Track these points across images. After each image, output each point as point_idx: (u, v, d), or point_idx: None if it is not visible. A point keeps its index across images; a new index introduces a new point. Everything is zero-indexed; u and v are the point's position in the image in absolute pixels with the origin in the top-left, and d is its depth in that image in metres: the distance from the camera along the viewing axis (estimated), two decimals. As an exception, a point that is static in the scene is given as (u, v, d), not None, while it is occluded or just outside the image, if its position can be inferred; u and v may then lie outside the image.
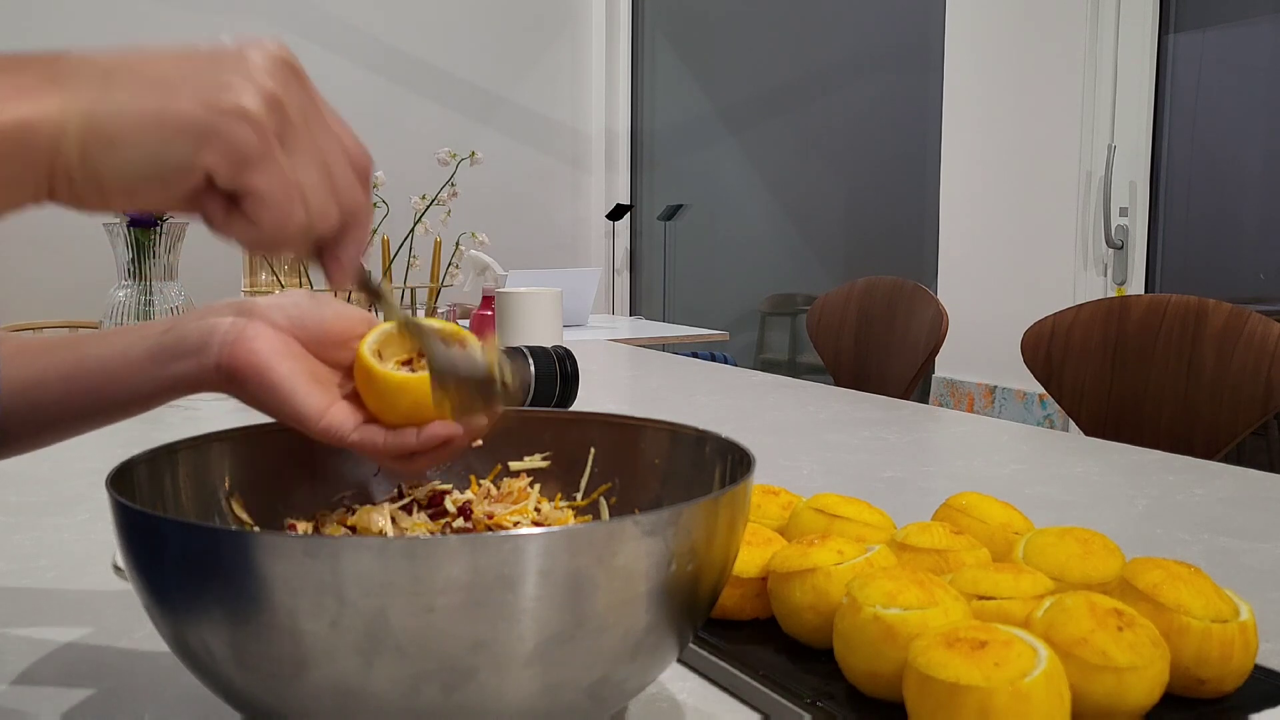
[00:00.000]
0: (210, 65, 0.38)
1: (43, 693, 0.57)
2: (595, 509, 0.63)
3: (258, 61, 0.39)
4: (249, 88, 0.38)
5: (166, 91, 0.37)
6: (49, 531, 0.86)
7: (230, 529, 0.43)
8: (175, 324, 0.55)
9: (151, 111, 0.37)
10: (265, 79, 0.39)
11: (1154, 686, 0.49)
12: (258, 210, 0.40)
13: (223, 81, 0.38)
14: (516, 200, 4.47)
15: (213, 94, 0.37)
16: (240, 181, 0.39)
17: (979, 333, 2.91)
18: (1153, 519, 0.92)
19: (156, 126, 0.37)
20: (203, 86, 0.38)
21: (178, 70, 0.38)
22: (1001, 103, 2.92)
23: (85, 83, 0.37)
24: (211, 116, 0.37)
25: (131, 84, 0.37)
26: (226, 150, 0.38)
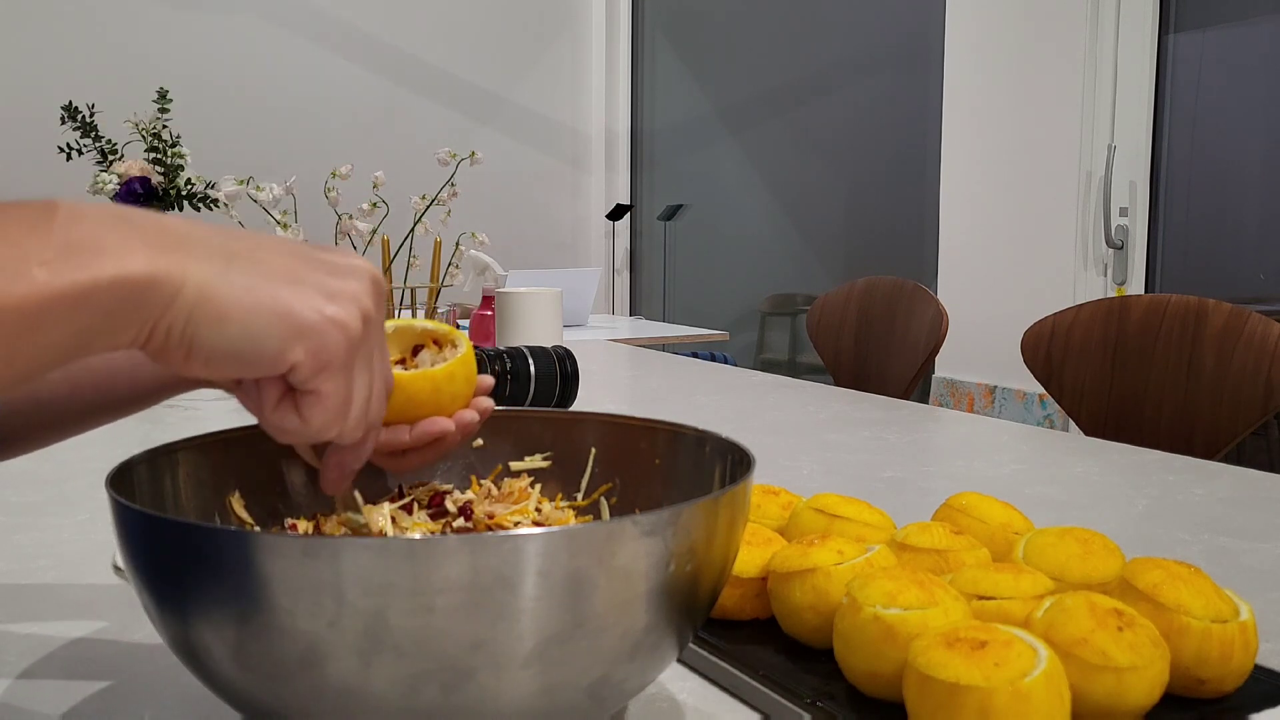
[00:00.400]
0: (322, 272, 0.42)
1: (43, 693, 0.57)
2: (596, 509, 0.63)
3: (363, 279, 0.43)
4: (353, 304, 0.42)
5: (282, 285, 0.40)
6: (49, 531, 0.86)
7: (230, 529, 0.43)
8: None
9: (266, 299, 0.40)
10: (366, 299, 0.42)
11: (1154, 686, 0.49)
12: (312, 409, 0.43)
13: (333, 289, 0.41)
14: (516, 200, 4.47)
15: (322, 300, 0.41)
16: (314, 383, 0.42)
17: (979, 333, 2.91)
18: (1153, 519, 0.92)
19: (266, 313, 0.40)
20: (315, 290, 0.41)
21: (293, 269, 0.41)
22: (1001, 103, 2.92)
23: (209, 256, 0.39)
24: (317, 319, 0.41)
25: (251, 270, 0.40)
26: (318, 352, 0.41)
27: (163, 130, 2.26)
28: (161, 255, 0.37)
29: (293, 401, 0.43)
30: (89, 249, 0.36)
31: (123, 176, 2.20)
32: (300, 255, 0.42)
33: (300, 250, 0.42)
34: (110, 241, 0.36)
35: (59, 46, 3.76)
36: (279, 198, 1.88)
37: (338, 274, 0.42)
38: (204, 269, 0.38)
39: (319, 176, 1.96)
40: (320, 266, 0.42)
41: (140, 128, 2.25)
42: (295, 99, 4.10)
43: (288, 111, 4.08)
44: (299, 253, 0.42)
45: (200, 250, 0.39)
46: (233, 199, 1.91)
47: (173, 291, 0.38)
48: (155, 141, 2.24)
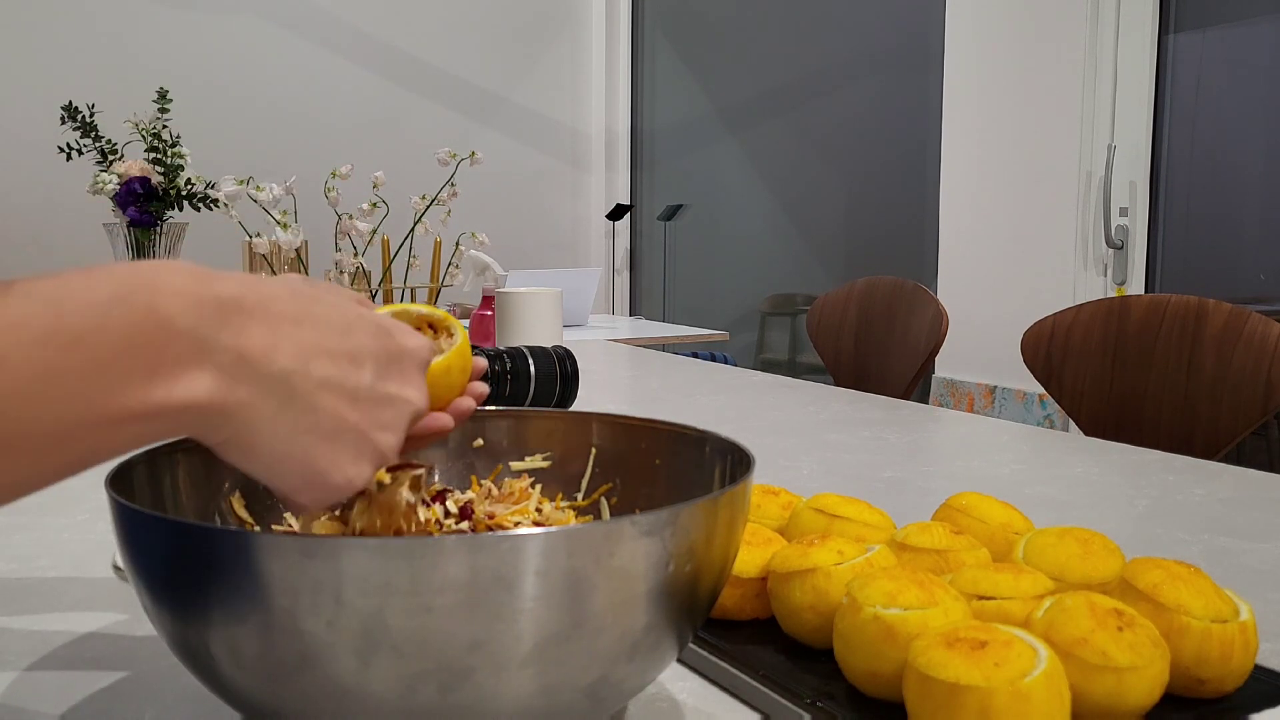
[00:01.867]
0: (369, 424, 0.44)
1: (43, 693, 0.57)
2: (596, 509, 0.63)
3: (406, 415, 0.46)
4: (374, 464, 0.44)
5: (322, 441, 0.42)
6: (49, 531, 0.86)
7: (229, 529, 0.43)
8: None
9: (298, 454, 0.42)
10: (393, 451, 0.45)
11: (1154, 686, 0.49)
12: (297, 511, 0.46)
13: (367, 452, 0.44)
14: (516, 200, 4.47)
15: (345, 464, 0.43)
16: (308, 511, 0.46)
17: (979, 333, 2.91)
18: (1153, 519, 0.92)
19: (294, 467, 0.42)
20: (344, 448, 0.43)
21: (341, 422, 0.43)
22: (1001, 103, 2.92)
23: (269, 393, 0.40)
24: (331, 481, 0.43)
25: (300, 417, 0.41)
26: (320, 501, 0.44)
27: (163, 130, 2.26)
28: (229, 387, 0.39)
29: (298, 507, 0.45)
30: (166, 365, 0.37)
31: (123, 176, 2.20)
32: (359, 398, 0.43)
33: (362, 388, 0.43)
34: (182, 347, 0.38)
35: (59, 46, 3.76)
36: (279, 198, 1.88)
37: (385, 423, 0.44)
38: (259, 407, 0.40)
39: (319, 176, 1.97)
40: (372, 410, 0.44)
41: (140, 128, 2.25)
42: (295, 99, 4.10)
43: (288, 111, 4.08)
44: (359, 393, 0.43)
45: (267, 378, 0.40)
46: (233, 199, 1.91)
47: (220, 421, 0.39)
48: (155, 141, 2.24)
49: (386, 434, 0.44)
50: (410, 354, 0.46)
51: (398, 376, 0.45)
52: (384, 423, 0.44)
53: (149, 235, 2.13)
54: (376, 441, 0.44)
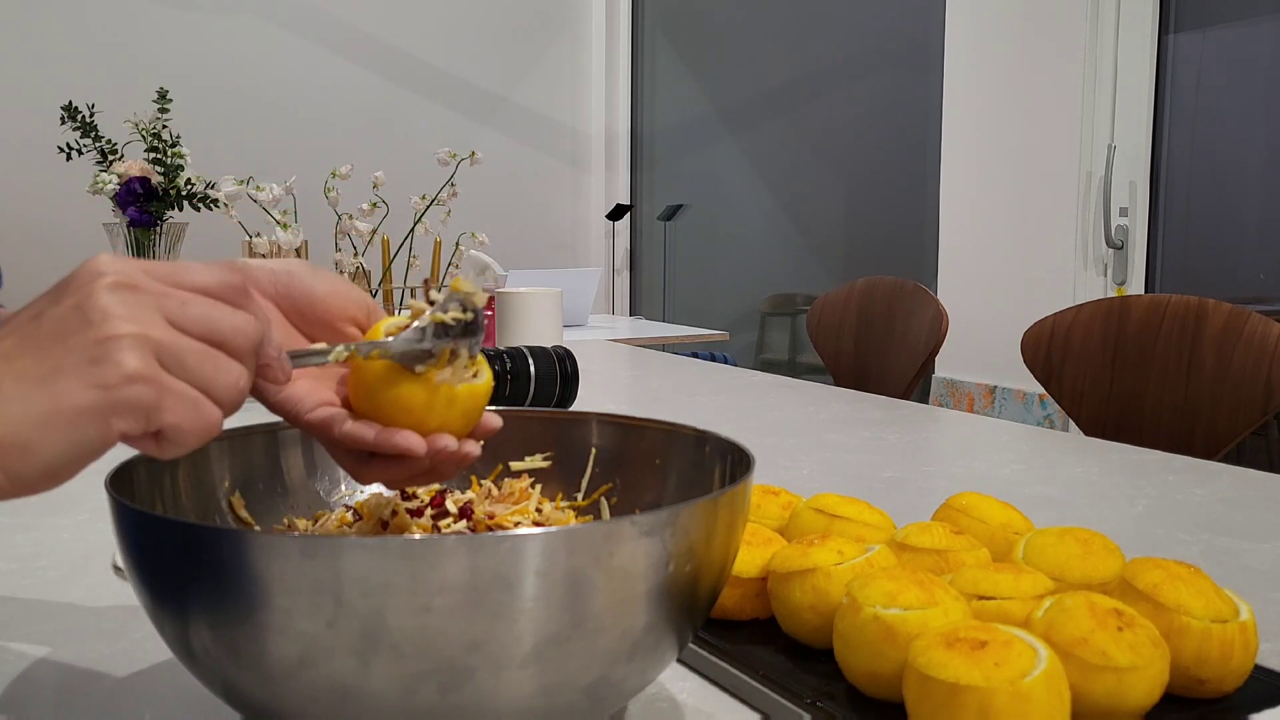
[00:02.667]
0: (70, 339, 0.38)
1: (43, 693, 0.57)
2: (596, 509, 0.63)
3: (104, 308, 0.39)
4: (120, 347, 0.38)
5: (52, 388, 0.38)
6: (49, 531, 0.86)
7: (229, 529, 0.43)
8: None
9: (50, 412, 0.37)
10: (124, 324, 0.38)
11: (1154, 686, 0.49)
12: (180, 437, 0.40)
13: (94, 354, 0.38)
14: (516, 200, 4.47)
15: (94, 372, 0.38)
16: (152, 429, 0.39)
17: (979, 333, 2.91)
18: (1153, 519, 0.92)
19: (63, 424, 0.38)
20: (80, 368, 0.38)
21: (47, 360, 0.38)
22: (1001, 103, 2.92)
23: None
24: (106, 396, 0.38)
25: (16, 390, 0.38)
26: (132, 414, 0.38)
27: (163, 130, 2.26)
28: None
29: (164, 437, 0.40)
30: None
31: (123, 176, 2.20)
32: (39, 340, 0.39)
33: (28, 332, 0.39)
34: None
35: (59, 46, 3.76)
36: (279, 198, 1.88)
37: (81, 329, 0.39)
38: None
39: (319, 176, 1.97)
40: (62, 335, 0.39)
41: (140, 128, 2.25)
42: (295, 99, 4.10)
43: (288, 111, 4.08)
44: (34, 337, 0.39)
45: None
46: (233, 199, 1.91)
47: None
48: (155, 141, 2.24)
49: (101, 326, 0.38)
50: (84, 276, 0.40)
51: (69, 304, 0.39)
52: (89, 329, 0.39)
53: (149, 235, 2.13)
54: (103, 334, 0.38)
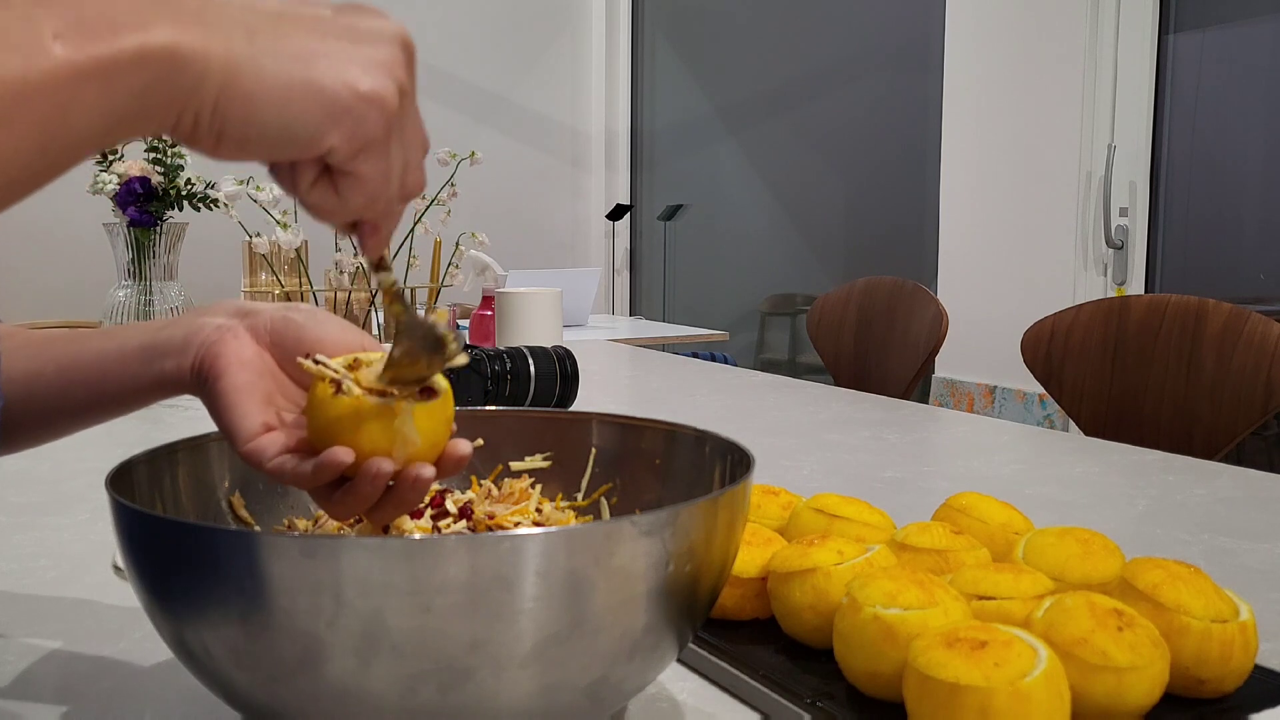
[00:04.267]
0: (351, 42, 0.39)
1: (43, 693, 0.57)
2: (596, 509, 0.63)
3: (394, 47, 0.40)
4: (386, 76, 0.39)
5: (310, 63, 0.38)
6: (49, 531, 0.86)
7: (229, 529, 0.43)
8: (171, 322, 0.54)
9: (297, 80, 0.38)
10: (399, 69, 0.40)
11: (1154, 686, 0.49)
12: (352, 190, 0.41)
13: (364, 62, 0.39)
14: (516, 200, 4.47)
15: (354, 75, 0.38)
16: (353, 164, 0.40)
17: (979, 333, 2.91)
18: (1153, 519, 0.92)
19: (300, 96, 0.38)
20: (345, 65, 0.38)
21: (321, 42, 0.38)
22: (1001, 103, 2.92)
23: (231, 30, 0.37)
24: (351, 99, 0.38)
25: (277, 47, 0.38)
26: (354, 134, 0.39)
27: (163, 130, 2.25)
28: (182, 29, 0.35)
29: (330, 181, 0.41)
30: (104, 21, 0.34)
31: (123, 176, 2.20)
32: (324, 25, 0.39)
33: (324, 17, 0.40)
34: (123, 13, 0.35)
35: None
36: (279, 198, 1.88)
37: (367, 40, 0.40)
38: (229, 45, 0.36)
39: (319, 176, 1.96)
40: (347, 33, 0.39)
41: (140, 128, 2.24)
42: (295, 99, 4.10)
43: (288, 111, 4.08)
44: (323, 21, 0.39)
45: (222, 23, 0.37)
46: (233, 199, 1.91)
47: (200, 70, 0.36)
48: (155, 141, 2.24)
49: (383, 51, 0.40)
50: (378, 13, 0.42)
51: (371, 21, 0.41)
52: (375, 41, 0.40)
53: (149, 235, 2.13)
54: (378, 57, 0.40)
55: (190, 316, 0.54)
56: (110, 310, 1.53)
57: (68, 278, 3.54)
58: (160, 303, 1.53)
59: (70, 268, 3.59)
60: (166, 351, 0.53)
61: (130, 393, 0.55)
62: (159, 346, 0.53)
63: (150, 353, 0.54)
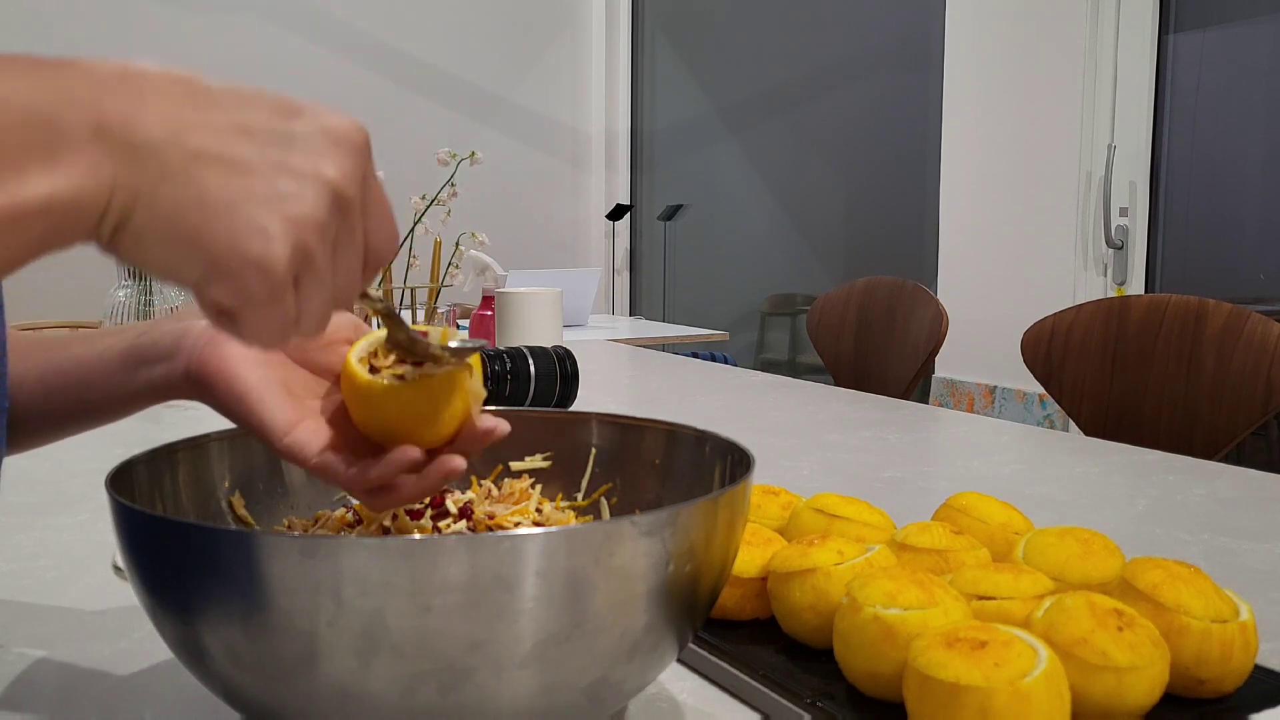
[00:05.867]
0: (270, 185, 0.37)
1: (43, 693, 0.57)
2: (596, 509, 0.63)
3: (319, 190, 0.38)
4: (284, 237, 0.37)
5: (209, 216, 0.37)
6: (49, 531, 0.86)
7: (229, 529, 0.43)
8: (152, 326, 0.54)
9: (187, 233, 0.37)
10: (307, 226, 0.38)
11: (1154, 686, 0.49)
12: (244, 336, 0.40)
13: (268, 219, 0.37)
14: (516, 200, 4.47)
15: (244, 239, 0.37)
16: (238, 317, 0.39)
17: (979, 333, 2.91)
18: (1153, 519, 0.92)
19: (186, 248, 0.37)
20: (244, 223, 0.37)
21: (231, 190, 0.37)
22: (1001, 103, 2.92)
23: (145, 168, 0.36)
24: (236, 263, 0.37)
25: (182, 191, 0.36)
26: (234, 292, 0.38)
27: (163, 130, 2.25)
28: (93, 168, 0.35)
29: (230, 318, 0.39)
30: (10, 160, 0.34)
31: (123, 176, 2.19)
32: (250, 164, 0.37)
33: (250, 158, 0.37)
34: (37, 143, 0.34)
35: (59, 47, 3.76)
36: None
37: (294, 180, 0.38)
38: (136, 183, 0.36)
39: (319, 176, 1.96)
40: (274, 171, 0.37)
41: (140, 128, 2.24)
42: (295, 99, 4.10)
43: (288, 111, 4.08)
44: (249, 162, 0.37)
45: (132, 157, 0.36)
46: (233, 199, 1.90)
47: (99, 212, 0.36)
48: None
49: (292, 204, 0.37)
50: (322, 133, 0.39)
51: (304, 151, 0.38)
52: (284, 194, 0.37)
53: (149, 235, 2.13)
54: (281, 214, 0.37)
55: (173, 320, 0.53)
56: (110, 310, 1.53)
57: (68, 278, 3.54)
58: (160, 303, 1.53)
59: (70, 268, 3.58)
60: (154, 357, 0.52)
61: (117, 400, 0.54)
62: (144, 352, 0.53)
63: (135, 359, 0.53)
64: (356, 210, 0.40)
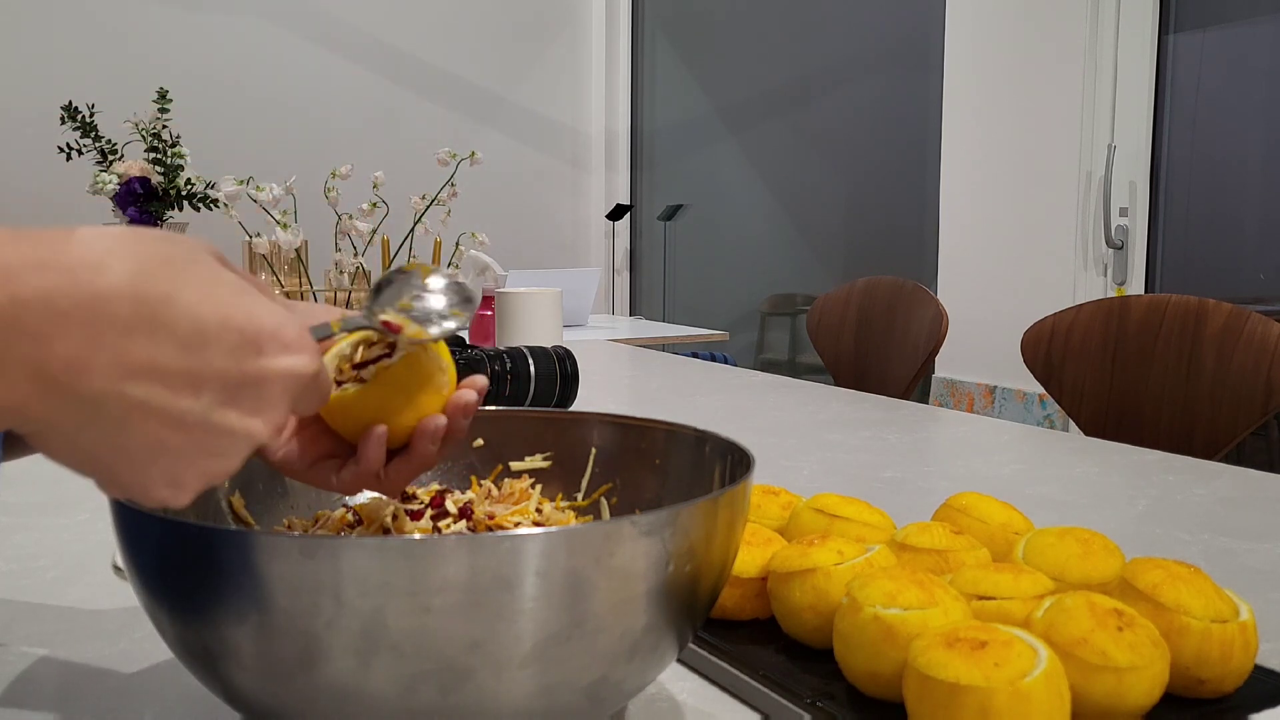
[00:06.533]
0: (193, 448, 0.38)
1: (43, 693, 0.57)
2: (596, 509, 0.63)
3: (238, 456, 0.39)
4: (193, 489, 0.39)
5: (120, 462, 0.37)
6: (49, 531, 0.86)
7: (229, 529, 0.43)
8: None
9: (95, 468, 0.38)
10: (221, 478, 0.39)
11: (1154, 686, 0.49)
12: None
13: (174, 477, 0.38)
14: (516, 200, 4.47)
15: (156, 486, 0.38)
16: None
17: (979, 333, 2.91)
18: (1153, 519, 0.92)
19: (90, 472, 0.38)
20: (157, 473, 0.38)
21: (154, 444, 0.37)
22: (1001, 103, 2.92)
23: (71, 408, 0.36)
24: (136, 493, 0.39)
25: (105, 434, 0.37)
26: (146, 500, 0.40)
27: (163, 130, 2.26)
28: (20, 401, 0.35)
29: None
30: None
31: (123, 176, 2.20)
32: (183, 421, 0.37)
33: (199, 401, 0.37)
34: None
35: (59, 46, 3.76)
36: (279, 198, 1.88)
37: (218, 441, 0.38)
38: (56, 424, 0.36)
39: (319, 176, 1.97)
40: (204, 433, 0.38)
41: (140, 128, 2.25)
42: (295, 99, 4.10)
43: (288, 111, 4.08)
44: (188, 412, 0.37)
45: (68, 405, 0.36)
46: (233, 199, 1.91)
47: (21, 422, 0.36)
48: (155, 141, 2.24)
49: (215, 461, 0.38)
50: (274, 379, 0.38)
51: (248, 403, 0.38)
52: (212, 450, 0.38)
53: (149, 235, 2.14)
54: (201, 469, 0.38)
55: None
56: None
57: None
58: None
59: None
60: None
61: None
62: None
63: None
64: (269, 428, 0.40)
